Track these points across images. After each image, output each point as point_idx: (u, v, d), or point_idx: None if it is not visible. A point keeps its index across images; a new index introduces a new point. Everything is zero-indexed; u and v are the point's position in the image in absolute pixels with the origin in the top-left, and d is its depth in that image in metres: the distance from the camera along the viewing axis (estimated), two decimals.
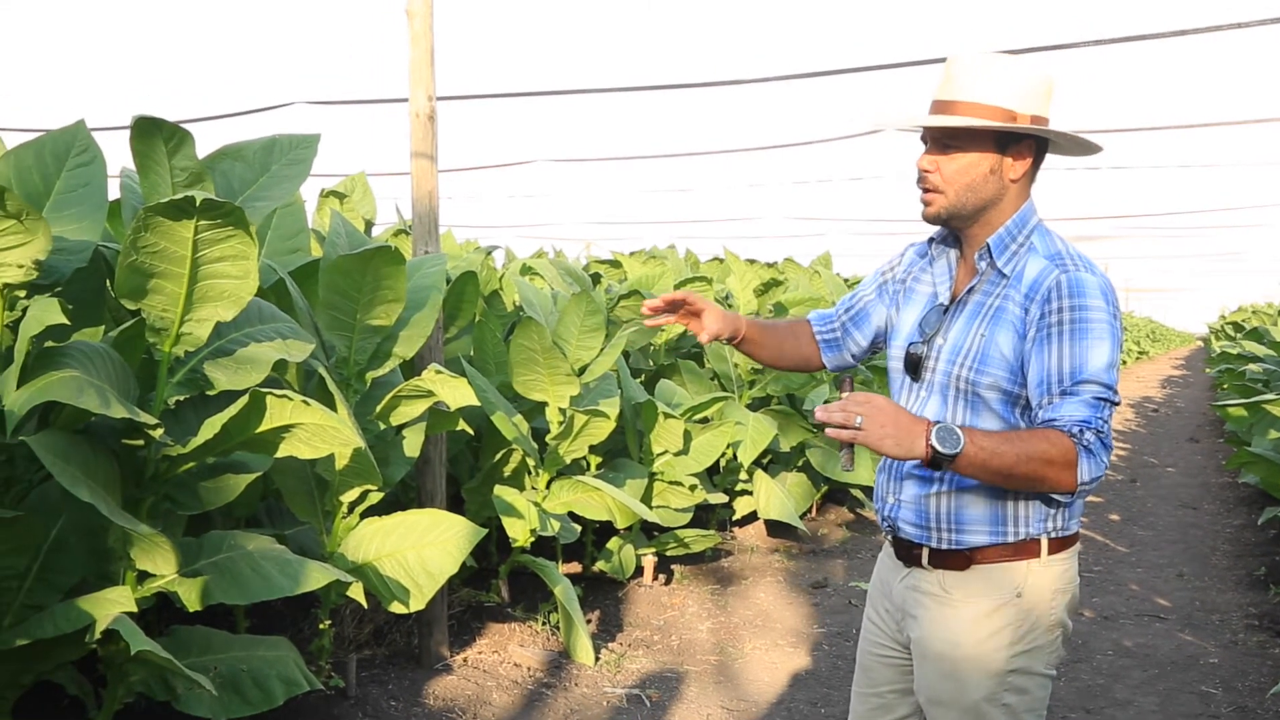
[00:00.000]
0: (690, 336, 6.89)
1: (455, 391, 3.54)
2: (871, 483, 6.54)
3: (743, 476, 6.28)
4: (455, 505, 4.48)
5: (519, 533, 4.38)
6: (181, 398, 3.00)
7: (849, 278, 9.47)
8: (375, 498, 3.67)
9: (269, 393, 2.81)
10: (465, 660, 4.26)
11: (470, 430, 4.15)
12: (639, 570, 5.52)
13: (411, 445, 3.81)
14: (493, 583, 4.89)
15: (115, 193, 3.06)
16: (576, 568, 5.33)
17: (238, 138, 3.18)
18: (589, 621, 4.86)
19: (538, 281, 6.19)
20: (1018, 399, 2.03)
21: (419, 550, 3.59)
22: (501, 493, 4.36)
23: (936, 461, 1.88)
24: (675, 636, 4.88)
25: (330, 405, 3.22)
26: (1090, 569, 6.29)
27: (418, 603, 3.57)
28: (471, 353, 4.86)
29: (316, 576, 2.99)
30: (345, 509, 3.65)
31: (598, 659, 4.42)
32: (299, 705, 3.56)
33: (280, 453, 3.00)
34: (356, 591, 3.48)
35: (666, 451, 5.30)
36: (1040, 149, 2.10)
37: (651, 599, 5.36)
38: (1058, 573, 2.10)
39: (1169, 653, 4.81)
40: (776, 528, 6.71)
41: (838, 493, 7.55)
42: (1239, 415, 8.31)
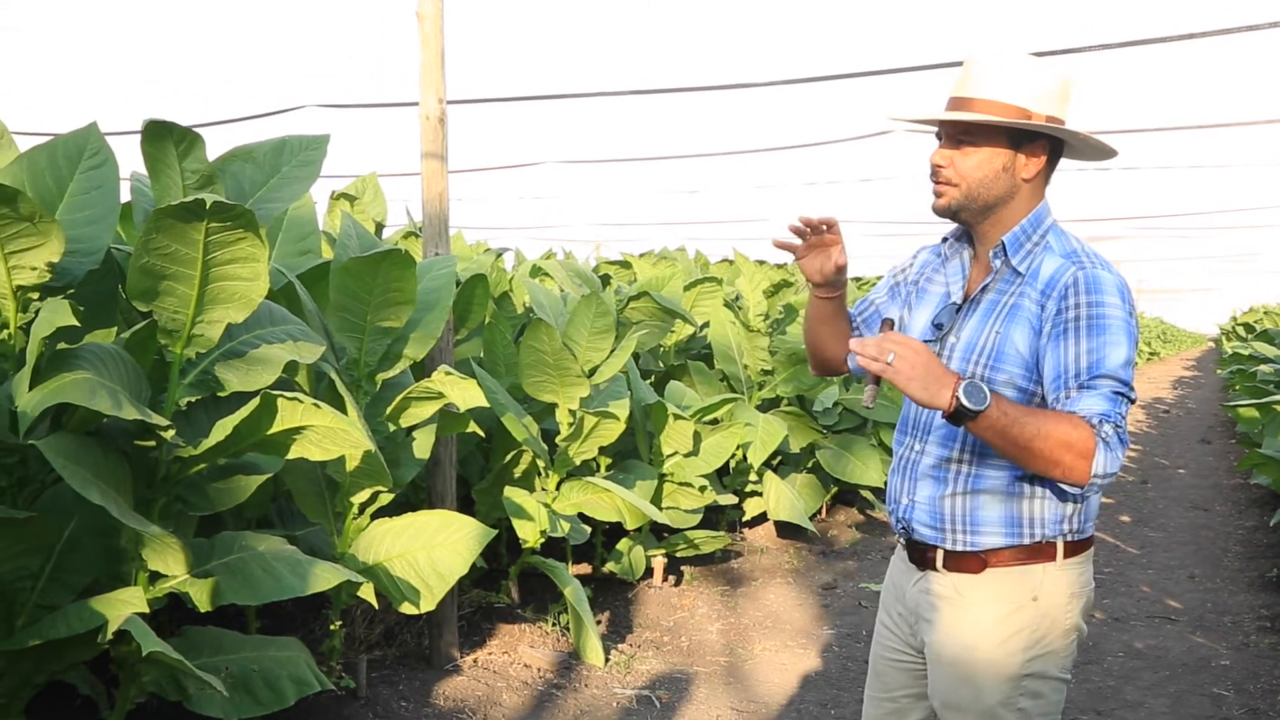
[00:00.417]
0: (700, 338, 6.89)
1: (465, 393, 3.55)
2: (880, 483, 6.58)
3: (752, 478, 6.28)
4: (465, 506, 4.49)
5: (529, 534, 4.38)
6: (193, 399, 3.02)
7: (859, 279, 9.46)
8: (386, 499, 3.68)
9: (280, 395, 2.82)
10: (475, 661, 4.27)
11: (480, 432, 4.16)
12: (649, 571, 5.52)
13: (422, 447, 3.82)
14: (503, 584, 4.90)
15: (126, 196, 3.08)
16: (586, 569, 5.34)
17: (249, 141, 3.20)
18: (599, 622, 4.87)
19: (547, 283, 6.20)
20: (1033, 396, 2.03)
21: (429, 551, 3.60)
22: (511, 494, 4.37)
23: (958, 415, 1.86)
24: (685, 637, 4.88)
25: (340, 407, 3.23)
26: (1101, 570, 6.27)
27: (428, 603, 3.58)
28: (481, 354, 4.87)
29: (327, 577, 3.01)
30: (356, 510, 3.66)
31: (607, 660, 4.42)
32: (310, 705, 3.58)
33: (291, 455, 3.02)
34: (367, 592, 3.49)
35: (676, 453, 5.30)
36: (1055, 150, 2.09)
37: (661, 600, 5.36)
38: (1074, 576, 2.09)
39: (1180, 655, 4.79)
40: (786, 529, 6.71)
41: (847, 494, 7.54)
42: (1250, 416, 8.29)
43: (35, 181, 2.85)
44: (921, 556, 2.17)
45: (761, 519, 6.67)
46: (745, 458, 5.98)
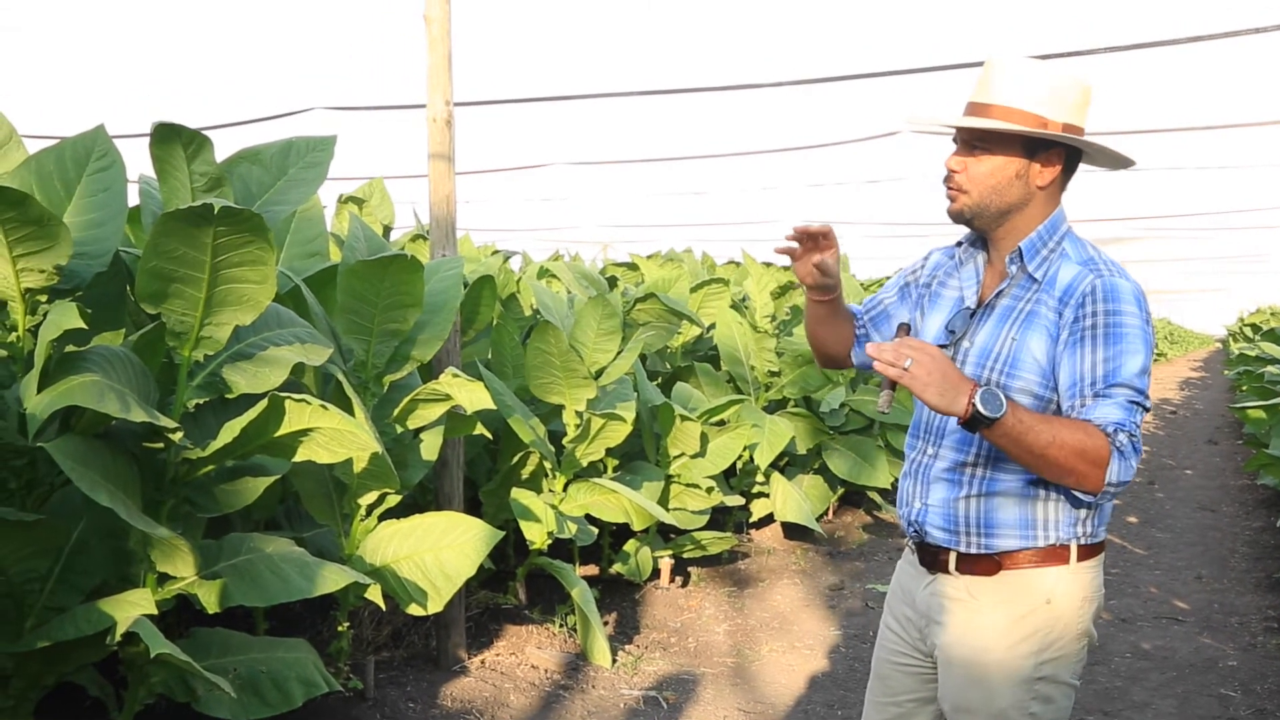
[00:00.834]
0: (707, 339, 6.89)
1: (472, 395, 3.55)
2: (888, 485, 6.58)
3: (759, 479, 6.28)
4: (473, 508, 4.50)
5: (536, 535, 4.39)
6: (201, 401, 3.02)
7: (867, 281, 9.44)
8: (393, 500, 3.69)
9: (288, 397, 2.83)
10: (483, 662, 4.28)
11: (488, 433, 4.16)
12: (656, 572, 5.52)
13: (429, 448, 3.82)
14: (510, 585, 4.90)
15: (134, 198, 3.08)
16: (593, 570, 5.34)
17: (257, 144, 3.20)
18: (606, 623, 4.87)
19: (554, 285, 6.21)
20: (1049, 403, 2.03)
21: (437, 553, 3.61)
22: (519, 495, 4.37)
23: (974, 422, 1.86)
24: (692, 638, 4.88)
25: (348, 409, 3.23)
26: (1108, 571, 6.25)
27: (435, 605, 3.58)
28: (489, 356, 4.87)
29: (335, 579, 3.01)
30: (363, 512, 3.67)
31: (615, 661, 4.43)
32: (317, 707, 3.58)
33: (298, 457, 3.02)
34: (374, 594, 3.50)
35: (683, 454, 5.31)
36: (1072, 158, 2.09)
37: (668, 601, 5.36)
38: (1087, 580, 2.09)
39: (1187, 655, 4.79)
40: (793, 530, 6.70)
41: (854, 495, 7.54)
42: (1258, 417, 8.26)
43: (43, 184, 2.85)
44: (933, 559, 2.16)
45: (768, 520, 6.68)
46: (752, 459, 5.98)
